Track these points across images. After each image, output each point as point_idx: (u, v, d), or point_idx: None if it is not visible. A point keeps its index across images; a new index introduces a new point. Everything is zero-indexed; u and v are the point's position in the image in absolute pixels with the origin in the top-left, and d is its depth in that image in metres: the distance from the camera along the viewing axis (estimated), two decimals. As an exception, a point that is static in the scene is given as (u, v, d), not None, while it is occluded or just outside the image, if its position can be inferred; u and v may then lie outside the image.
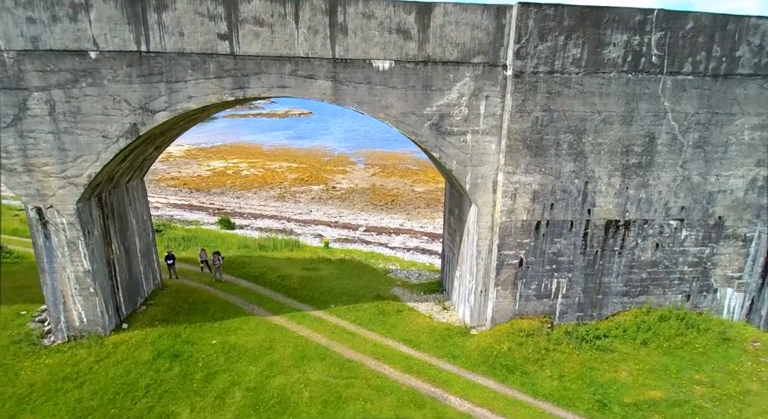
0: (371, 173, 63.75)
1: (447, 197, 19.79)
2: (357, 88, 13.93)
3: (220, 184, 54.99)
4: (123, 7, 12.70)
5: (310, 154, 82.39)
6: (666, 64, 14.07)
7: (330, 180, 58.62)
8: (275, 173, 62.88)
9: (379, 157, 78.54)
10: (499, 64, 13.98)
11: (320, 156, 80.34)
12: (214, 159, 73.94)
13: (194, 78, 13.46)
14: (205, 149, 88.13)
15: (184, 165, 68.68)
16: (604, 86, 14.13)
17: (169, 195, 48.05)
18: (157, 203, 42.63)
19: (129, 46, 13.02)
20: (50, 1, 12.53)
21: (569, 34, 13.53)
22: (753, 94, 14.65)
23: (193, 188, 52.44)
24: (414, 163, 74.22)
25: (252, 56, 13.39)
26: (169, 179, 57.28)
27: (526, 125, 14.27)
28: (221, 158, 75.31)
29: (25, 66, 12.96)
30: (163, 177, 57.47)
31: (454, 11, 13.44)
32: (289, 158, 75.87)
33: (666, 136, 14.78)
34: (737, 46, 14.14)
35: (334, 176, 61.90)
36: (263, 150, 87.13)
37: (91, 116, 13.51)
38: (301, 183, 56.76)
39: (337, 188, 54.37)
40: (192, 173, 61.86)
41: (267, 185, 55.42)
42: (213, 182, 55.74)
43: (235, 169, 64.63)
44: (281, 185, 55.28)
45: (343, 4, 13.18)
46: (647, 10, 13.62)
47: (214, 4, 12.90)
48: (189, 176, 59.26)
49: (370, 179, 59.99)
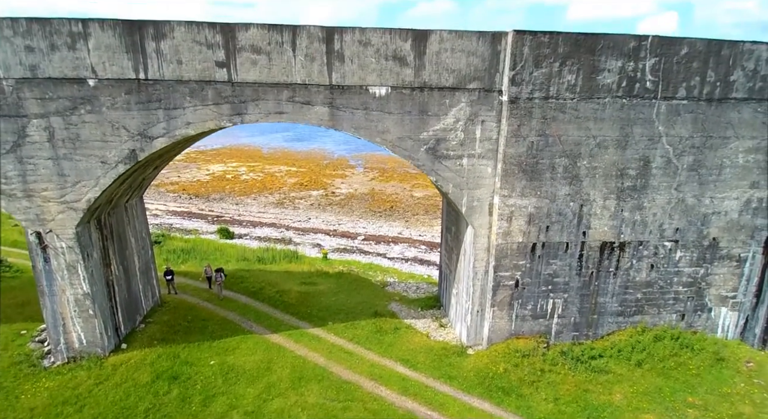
0: (370, 177, 63.88)
1: (444, 214, 19.91)
2: (354, 113, 14.04)
3: (220, 189, 55.11)
4: (121, 36, 12.79)
5: (309, 157, 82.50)
6: (660, 89, 14.18)
7: (329, 185, 58.74)
8: (275, 177, 63.02)
9: (379, 160, 78.60)
10: (495, 89, 14.09)
11: (319, 159, 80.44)
12: (213, 163, 74.06)
13: (192, 105, 13.57)
14: (205, 152, 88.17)
15: (183, 169, 68.77)
16: (599, 111, 14.25)
17: (169, 202, 48.16)
18: (156, 211, 42.76)
19: (127, 74, 13.12)
20: (49, 30, 12.63)
21: (564, 60, 13.64)
22: (747, 118, 14.76)
23: (193, 194, 52.55)
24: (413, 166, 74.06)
25: (250, 83, 13.50)
26: (169, 184, 57.39)
27: (522, 150, 14.38)
28: (221, 161, 75.44)
29: (24, 94, 13.06)
30: (162, 182, 57.55)
31: (449, 38, 13.54)
32: (289, 162, 75.95)
33: (660, 159, 14.90)
34: (732, 71, 14.25)
35: (334, 180, 62.02)
36: (263, 153, 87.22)
37: (89, 142, 13.62)
38: (301, 188, 56.89)
39: (336, 193, 54.49)
40: (191, 178, 61.99)
41: (266, 190, 55.54)
42: (212, 188, 55.86)
43: (234, 173, 64.73)
44: (280, 190, 55.41)
45: (340, 32, 13.29)
46: (641, 37, 13.72)
47: (211, 32, 13.00)
48: (188, 181, 59.38)
49: (369, 184, 60.11)
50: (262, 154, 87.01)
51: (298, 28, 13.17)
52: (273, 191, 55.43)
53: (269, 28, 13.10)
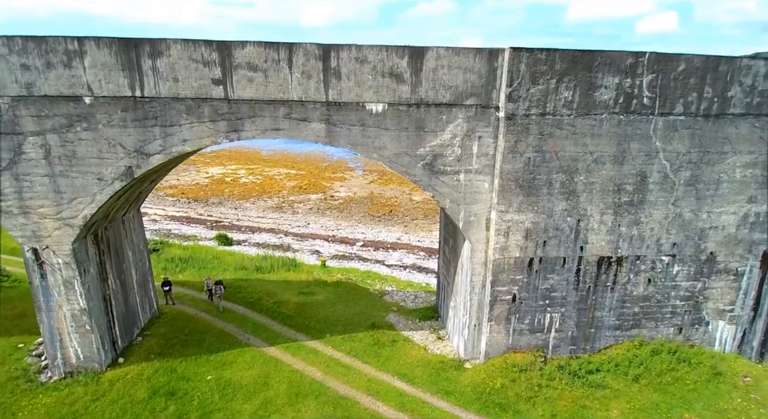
0: (369, 180, 63.85)
1: (442, 225, 19.90)
2: (350, 130, 14.02)
3: (219, 193, 55.07)
4: (117, 54, 12.77)
5: (308, 159, 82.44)
6: (657, 105, 14.16)
7: (328, 188, 58.71)
8: (274, 180, 62.98)
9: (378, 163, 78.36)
10: (492, 105, 14.07)
11: (319, 161, 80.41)
12: (212, 165, 74.01)
13: (189, 122, 13.55)
14: (204, 154, 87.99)
15: (182, 172, 68.66)
16: (596, 127, 14.23)
17: (168, 206, 48.13)
18: (155, 216, 42.74)
19: (124, 91, 13.10)
20: (44, 48, 12.60)
21: (561, 77, 13.62)
22: (745, 133, 14.75)
23: (192, 198, 52.52)
24: (412, 169, 73.93)
25: (246, 100, 13.48)
26: (168, 187, 57.34)
27: (519, 166, 14.37)
28: (220, 164, 75.40)
29: (20, 111, 13.04)
30: (161, 186, 57.47)
31: (446, 55, 13.51)
32: (288, 164, 75.88)
33: (658, 174, 14.89)
34: (729, 87, 14.23)
35: (333, 183, 61.98)
36: (262, 155, 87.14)
37: (86, 159, 13.60)
38: (300, 191, 56.86)
39: (335, 196, 54.45)
40: (190, 181, 61.95)
41: (265, 193, 55.50)
42: (211, 191, 55.82)
43: (233, 176, 64.68)
44: (279, 194, 55.37)
45: (337, 49, 13.26)
46: (639, 54, 13.70)
47: (208, 50, 12.97)
48: (187, 185, 59.35)
49: (369, 187, 60.08)
50: (261, 156, 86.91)
51: (295, 46, 13.15)
52: (272, 194, 55.39)
53: (265, 46, 13.08)
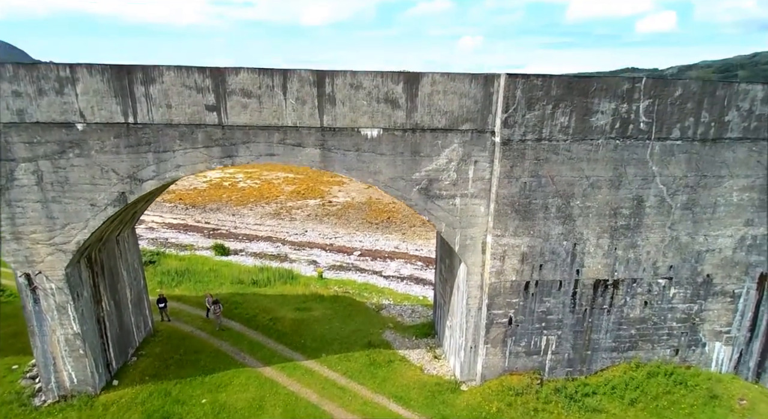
0: (368, 185, 63.74)
1: (438, 244, 19.82)
2: (346, 155, 13.93)
3: (216, 198, 54.92)
4: (110, 81, 12.65)
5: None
6: (654, 130, 14.08)
7: (327, 193, 58.56)
8: (272, 185, 62.80)
9: (376, 166, 78.29)
10: (488, 130, 13.99)
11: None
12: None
13: (182, 148, 13.45)
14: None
15: (180, 176, 68.40)
16: (592, 152, 14.15)
17: (165, 213, 47.98)
18: (152, 223, 42.61)
19: (116, 118, 12.99)
20: (36, 75, 12.48)
21: (557, 103, 13.53)
22: (742, 157, 14.68)
23: (189, 204, 52.37)
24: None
25: (240, 126, 13.38)
26: (165, 192, 57.16)
27: (515, 190, 14.29)
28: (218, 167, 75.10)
29: (11, 138, 12.92)
30: (159, 191, 57.27)
31: (441, 81, 13.42)
32: (287, 168, 75.48)
33: (654, 198, 14.82)
34: (726, 112, 14.16)
35: (331, 187, 61.84)
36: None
37: (78, 185, 13.49)
38: (298, 197, 56.71)
39: (333, 202, 54.32)
40: (188, 185, 61.74)
41: (263, 199, 55.35)
42: (209, 197, 55.67)
43: (231, 180, 64.50)
44: (277, 199, 55.23)
45: (331, 75, 13.16)
46: (635, 79, 13.62)
47: (201, 76, 12.86)
48: (185, 189, 59.16)
49: (367, 192, 59.90)
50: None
51: (289, 72, 13.04)
52: (270, 200, 55.24)
53: (259, 72, 12.97)
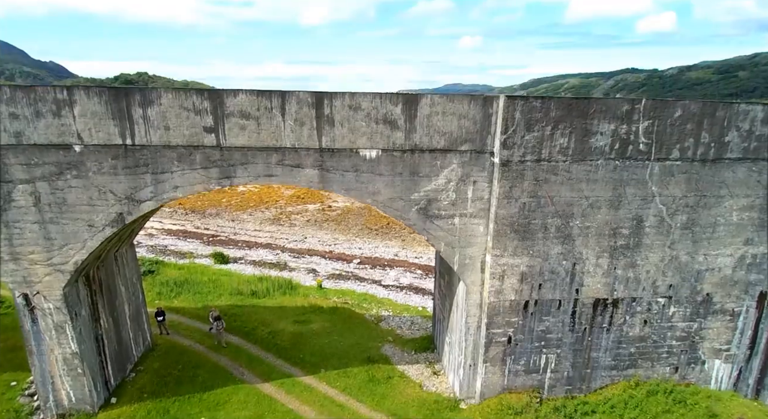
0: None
1: (437, 259, 19.79)
2: (344, 175, 13.89)
3: (216, 203, 54.87)
4: (107, 103, 12.61)
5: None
6: (654, 151, 14.04)
7: (326, 197, 58.43)
8: (271, 188, 62.60)
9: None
10: (487, 151, 13.95)
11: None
12: (210, 172, 73.62)
13: (180, 169, 13.41)
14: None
15: (180, 179, 68.33)
16: (592, 173, 14.11)
17: (164, 218, 47.93)
18: (152, 230, 42.56)
19: (114, 139, 12.95)
20: (33, 98, 12.44)
21: (556, 124, 13.49)
22: (742, 177, 14.64)
23: (189, 209, 52.31)
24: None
25: (238, 148, 13.34)
26: (165, 197, 57.08)
27: (514, 211, 14.25)
28: (217, 170, 74.97)
29: (9, 160, 12.89)
30: (158, 195, 57.18)
31: (440, 102, 13.38)
32: (286, 171, 75.51)
33: (654, 218, 14.78)
34: (726, 132, 14.11)
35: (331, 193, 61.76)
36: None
37: (76, 206, 13.46)
38: (297, 201, 56.64)
39: (333, 207, 54.28)
40: (188, 190, 61.66)
41: (263, 203, 55.30)
42: (209, 201, 55.58)
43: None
44: (277, 204, 55.19)
45: (330, 97, 13.12)
46: (635, 101, 13.57)
47: (199, 98, 12.82)
48: (185, 194, 59.05)
49: (367, 196, 59.83)
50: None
51: (287, 94, 13.00)
52: (269, 204, 55.20)
53: (258, 94, 12.93)
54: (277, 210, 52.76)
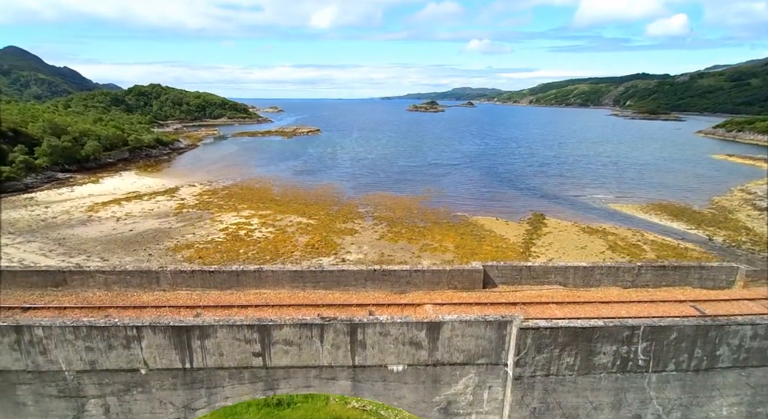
0: (380, 235, 65.33)
1: None
2: (374, 385, 15.68)
3: (234, 255, 56.92)
4: (170, 337, 14.48)
5: (319, 200, 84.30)
6: (651, 365, 15.66)
7: (339, 246, 60.34)
8: (286, 234, 64.70)
9: (387, 206, 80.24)
10: (501, 363, 15.65)
11: (330, 203, 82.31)
12: (226, 211, 75.95)
13: (231, 384, 15.27)
14: (217, 192, 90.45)
15: (197, 220, 70.87)
16: (595, 383, 15.77)
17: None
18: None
19: (175, 364, 14.83)
20: (106, 334, 14.33)
21: (564, 347, 15.15)
22: (732, 381, 16.21)
23: (208, 265, 54.40)
24: (420, 215, 76.05)
25: (282, 367, 15.16)
26: (185, 247, 59.26)
27: (525, 414, 15.95)
28: (233, 208, 77.29)
29: (83, 381, 14.82)
30: (178, 245, 59.46)
31: (460, 327, 15.09)
32: (299, 209, 77.59)
33: (651, 416, 16.40)
34: (718, 348, 15.69)
35: (344, 238, 63.64)
36: (273, 194, 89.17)
37: (140, 414, 15.37)
38: (312, 252, 58.54)
39: (346, 260, 56.13)
40: (205, 235, 63.83)
41: (279, 255, 57.27)
42: (227, 252, 57.65)
43: (247, 228, 66.52)
44: (292, 255, 57.17)
45: (363, 326, 14.89)
46: (634, 327, 15.17)
47: (250, 331, 14.65)
48: (203, 242, 61.20)
49: (379, 244, 61.66)
50: (272, 194, 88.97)
51: (326, 326, 14.78)
52: (285, 256, 57.17)
53: (300, 326, 14.73)
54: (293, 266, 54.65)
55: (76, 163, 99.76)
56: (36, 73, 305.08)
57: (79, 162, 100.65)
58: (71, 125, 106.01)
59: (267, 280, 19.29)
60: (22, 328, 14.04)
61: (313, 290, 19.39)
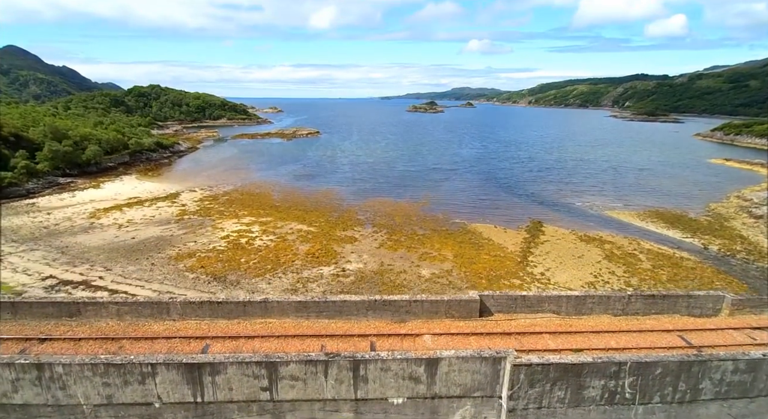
0: (379, 243, 66.18)
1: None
2: (375, 416, 16.53)
3: (235, 264, 57.71)
4: (183, 373, 15.33)
5: (319, 206, 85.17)
6: (638, 398, 16.55)
7: (339, 256, 61.16)
8: (286, 242, 65.50)
9: (386, 212, 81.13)
10: (495, 396, 16.52)
11: (329, 210, 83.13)
12: (227, 217, 76.70)
13: (240, 416, 16.12)
14: (218, 197, 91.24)
15: (198, 227, 71.68)
16: (585, 415, 16.65)
17: (188, 290, 50.89)
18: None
19: (187, 398, 15.68)
20: (122, 371, 15.17)
21: (555, 382, 16.02)
22: (714, 412, 17.10)
23: (210, 274, 55.24)
24: (419, 221, 77.00)
25: (288, 400, 16.02)
26: (186, 255, 60.01)
27: (518, 443, 16.84)
28: (233, 215, 78.05)
29: (100, 413, 15.66)
30: (180, 254, 60.23)
31: (457, 362, 15.96)
32: (299, 214, 78.44)
33: (638, 444, 17.30)
34: (701, 382, 16.58)
35: (344, 246, 64.44)
36: (273, 199, 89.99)
37: (153, 444, 16.22)
38: (312, 261, 59.35)
39: (346, 270, 56.95)
40: (207, 243, 64.60)
41: (279, 265, 58.06)
42: (228, 262, 58.43)
43: (248, 237, 67.29)
44: (293, 265, 57.97)
45: (365, 362, 15.74)
46: (621, 363, 16.05)
47: (258, 367, 15.50)
48: (205, 250, 61.96)
49: (378, 253, 62.50)
50: (273, 200, 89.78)
51: (330, 362, 15.63)
52: (285, 266, 57.97)
53: (306, 363, 15.58)
54: (294, 275, 55.54)
55: (77, 167, 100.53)
56: (35, 73, 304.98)
57: (80, 166, 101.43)
58: (72, 129, 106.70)
59: (273, 310, 20.10)
60: (44, 365, 14.87)
61: (316, 319, 20.22)
